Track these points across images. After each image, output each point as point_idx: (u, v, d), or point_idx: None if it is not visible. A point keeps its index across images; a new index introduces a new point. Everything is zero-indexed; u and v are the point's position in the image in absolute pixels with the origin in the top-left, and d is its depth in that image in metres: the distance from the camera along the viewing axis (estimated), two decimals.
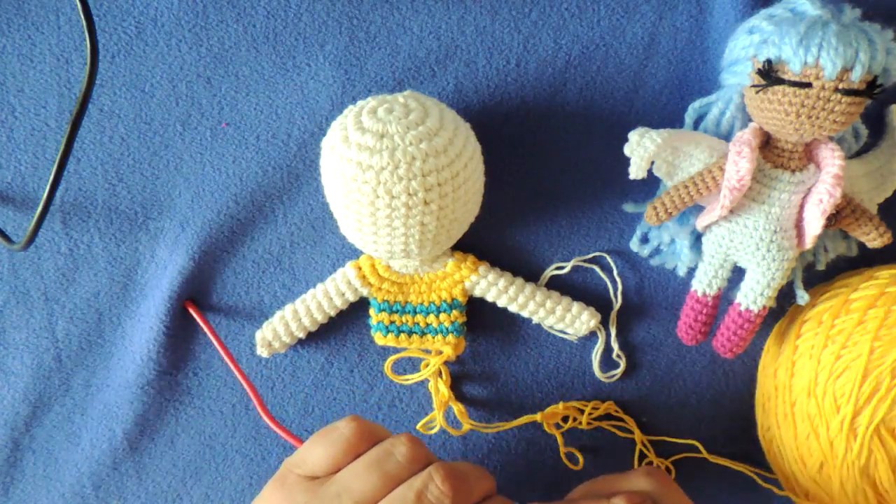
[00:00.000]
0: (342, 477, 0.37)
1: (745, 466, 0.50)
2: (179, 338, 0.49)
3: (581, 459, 0.50)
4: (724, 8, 0.44)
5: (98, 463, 0.50)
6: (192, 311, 0.48)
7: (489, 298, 0.47)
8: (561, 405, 0.49)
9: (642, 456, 0.50)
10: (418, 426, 0.49)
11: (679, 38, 0.46)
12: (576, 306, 0.48)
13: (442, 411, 0.48)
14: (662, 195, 0.43)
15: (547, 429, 0.50)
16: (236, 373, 0.47)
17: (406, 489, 0.36)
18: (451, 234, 0.43)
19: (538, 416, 0.49)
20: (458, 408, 0.48)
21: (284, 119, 0.47)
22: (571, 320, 0.48)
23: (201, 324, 0.48)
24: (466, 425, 0.49)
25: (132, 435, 0.50)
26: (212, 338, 0.48)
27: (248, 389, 0.47)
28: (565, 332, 0.49)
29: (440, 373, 0.49)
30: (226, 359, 0.47)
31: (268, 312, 0.48)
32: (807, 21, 0.38)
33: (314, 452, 0.39)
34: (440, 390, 0.48)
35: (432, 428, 0.49)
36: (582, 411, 0.49)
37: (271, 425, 0.45)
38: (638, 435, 0.50)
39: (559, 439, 0.50)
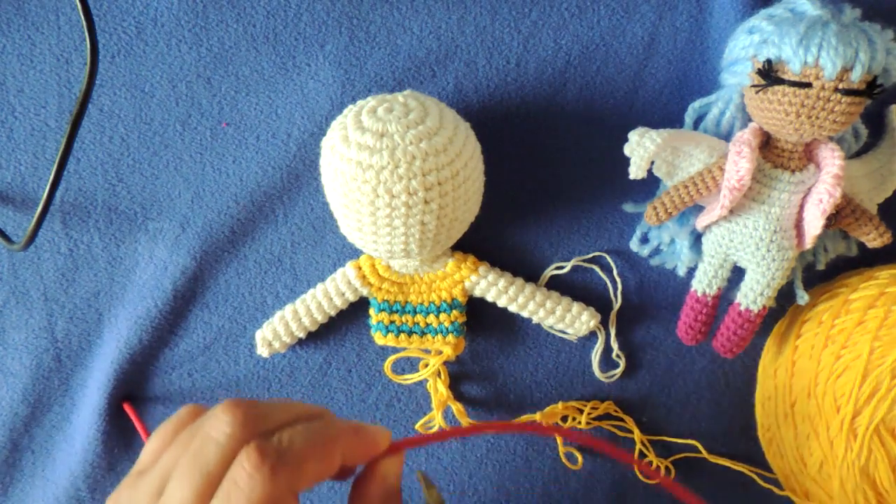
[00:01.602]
0: (159, 463, 0.31)
1: (745, 466, 0.50)
2: (179, 337, 0.49)
3: (580, 459, 0.50)
4: (724, 8, 0.44)
5: (93, 465, 0.50)
6: (127, 410, 0.49)
7: (489, 298, 0.47)
8: (560, 405, 0.49)
9: (642, 455, 0.50)
10: (417, 426, 0.49)
11: (679, 38, 0.46)
12: (576, 306, 0.48)
13: (441, 411, 0.48)
14: (662, 195, 0.43)
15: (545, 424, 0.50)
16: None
17: (222, 487, 0.30)
18: (451, 233, 0.43)
19: (537, 416, 0.49)
20: (456, 407, 0.48)
21: (284, 119, 0.47)
22: (571, 320, 0.48)
23: (136, 424, 0.48)
24: (465, 424, 0.49)
25: (128, 436, 0.50)
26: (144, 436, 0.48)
27: None
28: (565, 332, 0.49)
29: (439, 373, 0.49)
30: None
31: (270, 312, 0.48)
32: (807, 21, 0.38)
33: (146, 447, 0.34)
34: (439, 390, 0.48)
35: (431, 427, 0.49)
36: (581, 411, 0.49)
37: None
38: (637, 434, 0.50)
39: (558, 439, 0.50)
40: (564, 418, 0.50)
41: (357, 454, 0.32)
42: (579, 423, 0.49)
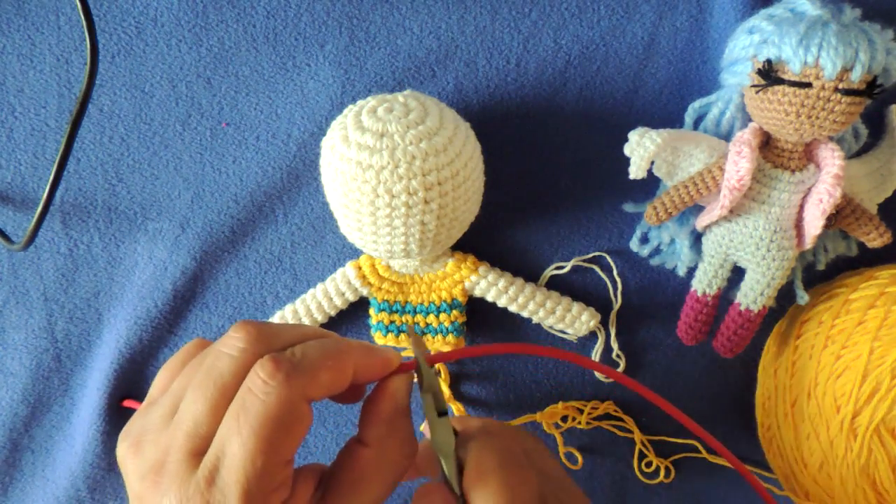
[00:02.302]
0: (170, 390, 0.32)
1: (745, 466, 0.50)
2: (179, 337, 0.49)
3: (580, 459, 0.50)
4: (724, 8, 0.44)
5: (92, 465, 0.50)
6: (131, 406, 0.49)
7: (489, 298, 0.47)
8: (560, 405, 0.49)
9: (642, 456, 0.50)
10: (422, 428, 0.49)
11: (679, 38, 0.46)
12: (576, 306, 0.48)
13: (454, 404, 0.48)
14: (662, 195, 0.43)
15: (546, 428, 0.50)
16: None
17: (237, 397, 0.30)
18: (451, 233, 0.43)
19: (537, 416, 0.49)
20: (456, 407, 0.48)
21: (284, 119, 0.47)
22: (571, 320, 0.48)
23: None
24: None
25: None
26: None
27: None
28: (565, 333, 0.49)
29: (439, 372, 0.49)
30: None
31: (270, 313, 0.48)
32: (807, 21, 0.38)
33: (154, 382, 0.34)
34: (443, 390, 0.48)
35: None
36: (581, 411, 0.49)
37: None
38: (637, 434, 0.50)
39: (558, 439, 0.50)
40: (564, 418, 0.50)
41: (368, 371, 0.32)
42: (579, 422, 0.49)
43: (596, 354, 0.49)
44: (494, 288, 0.47)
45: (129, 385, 0.50)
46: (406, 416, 0.33)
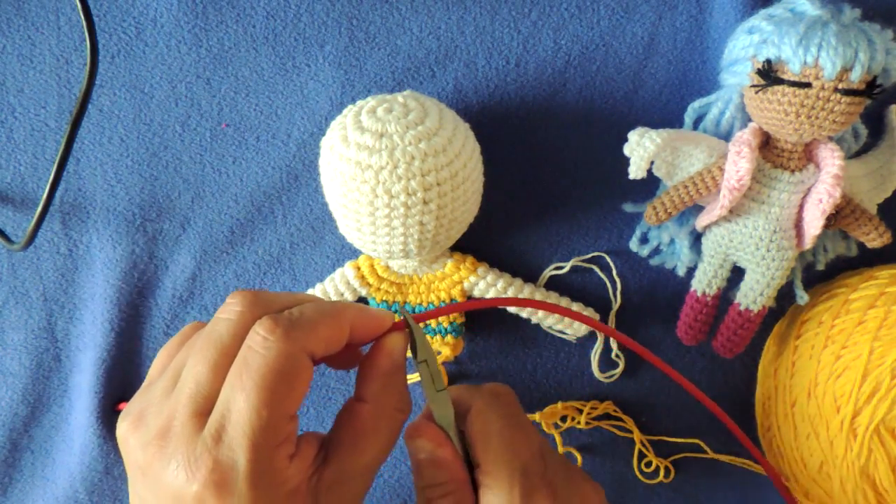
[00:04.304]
0: (170, 366, 0.32)
1: (745, 461, 0.50)
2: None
3: (580, 459, 0.50)
4: (724, 8, 0.44)
5: (89, 468, 0.50)
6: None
7: (488, 298, 0.47)
8: (560, 405, 0.49)
9: (641, 456, 0.50)
10: None
11: (679, 38, 0.46)
12: (575, 307, 0.48)
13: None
14: (662, 195, 0.43)
15: (545, 428, 0.50)
16: None
17: (239, 355, 0.30)
18: (450, 233, 0.43)
19: (537, 416, 0.49)
20: None
21: (284, 119, 0.47)
22: (570, 321, 0.48)
23: None
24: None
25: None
26: None
27: None
28: (564, 333, 0.49)
29: (440, 351, 0.48)
30: None
31: None
32: (806, 21, 0.38)
33: (152, 364, 0.35)
34: None
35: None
36: (580, 411, 0.49)
37: None
38: (637, 434, 0.50)
39: (557, 439, 0.50)
40: (564, 418, 0.50)
41: (364, 329, 0.33)
42: (578, 422, 0.49)
43: (595, 354, 0.49)
44: (493, 289, 0.47)
45: (126, 387, 0.50)
46: (402, 373, 0.34)
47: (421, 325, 0.47)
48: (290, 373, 0.30)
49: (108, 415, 0.49)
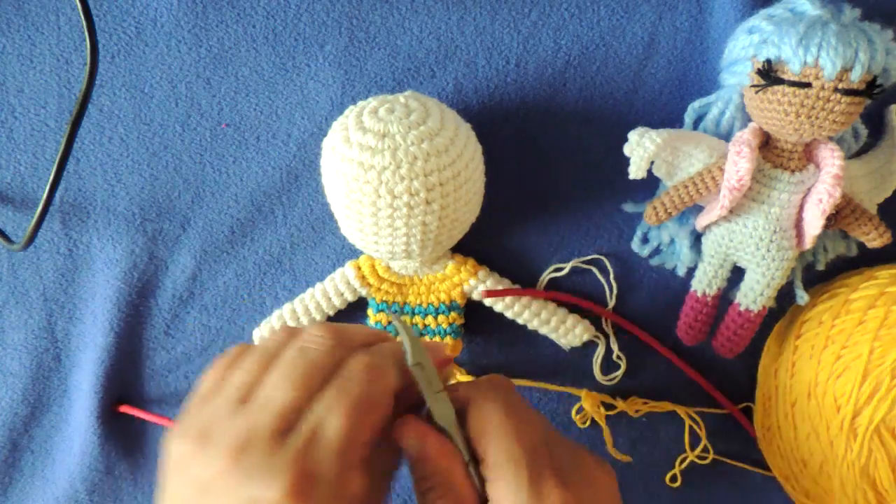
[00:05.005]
0: (234, 380, 0.33)
1: (745, 465, 0.50)
2: (177, 339, 0.49)
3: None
4: (724, 8, 0.44)
5: (90, 468, 0.50)
6: (127, 412, 0.49)
7: (486, 303, 0.47)
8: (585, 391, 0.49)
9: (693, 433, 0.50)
10: None
11: (679, 38, 0.46)
12: (570, 319, 0.48)
13: None
14: (662, 195, 0.43)
15: (589, 408, 0.49)
16: None
17: (332, 382, 0.32)
18: (452, 234, 0.43)
19: (583, 393, 0.49)
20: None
21: (284, 119, 0.47)
22: (565, 332, 0.48)
23: (143, 416, 0.49)
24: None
25: (126, 439, 0.50)
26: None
27: None
28: (558, 342, 0.49)
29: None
30: None
31: (269, 313, 0.48)
32: (806, 21, 0.38)
33: (204, 379, 0.34)
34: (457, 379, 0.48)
35: None
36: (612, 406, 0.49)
37: None
38: (682, 410, 0.50)
39: (605, 429, 0.49)
40: (609, 406, 0.50)
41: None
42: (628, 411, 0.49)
43: (597, 359, 0.49)
44: None
45: (126, 386, 0.50)
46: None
47: (420, 325, 0.47)
48: (379, 405, 0.32)
49: (108, 415, 0.49)
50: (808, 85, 0.38)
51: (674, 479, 0.51)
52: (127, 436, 0.50)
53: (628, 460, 0.50)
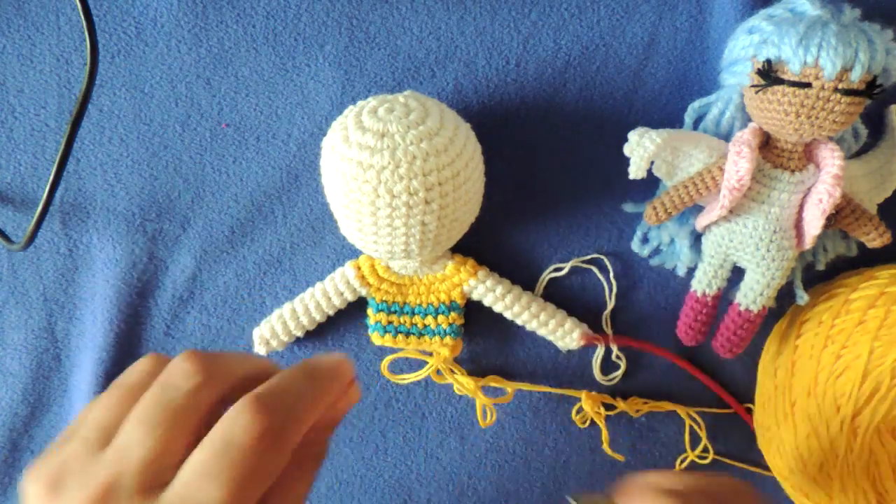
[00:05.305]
0: (83, 415, 0.29)
1: (745, 465, 0.50)
2: (177, 340, 0.49)
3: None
4: (724, 8, 0.44)
5: None
6: None
7: (486, 303, 0.47)
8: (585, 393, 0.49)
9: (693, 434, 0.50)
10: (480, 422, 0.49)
11: (679, 38, 0.46)
12: (569, 322, 0.48)
13: (479, 394, 0.48)
14: (662, 195, 0.43)
15: (589, 409, 0.49)
16: None
17: (209, 440, 0.27)
18: (451, 233, 0.43)
19: (583, 394, 0.49)
20: (492, 379, 0.48)
21: (284, 119, 0.47)
22: (562, 335, 0.48)
23: None
24: (510, 389, 0.48)
25: None
26: None
27: None
28: (556, 343, 0.49)
29: (452, 371, 0.48)
30: None
31: (268, 313, 0.48)
32: (806, 21, 0.38)
33: (81, 415, 0.30)
34: (462, 383, 0.48)
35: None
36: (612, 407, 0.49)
37: None
38: (683, 410, 0.50)
39: (604, 432, 0.49)
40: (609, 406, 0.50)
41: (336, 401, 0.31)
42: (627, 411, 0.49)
43: (596, 359, 0.49)
44: (492, 294, 0.47)
45: None
46: None
47: (420, 325, 0.47)
48: (272, 477, 0.27)
49: None
50: (808, 85, 0.38)
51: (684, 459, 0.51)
52: None
53: (621, 459, 0.50)
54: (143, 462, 0.26)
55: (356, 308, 0.48)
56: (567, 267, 0.48)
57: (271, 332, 0.48)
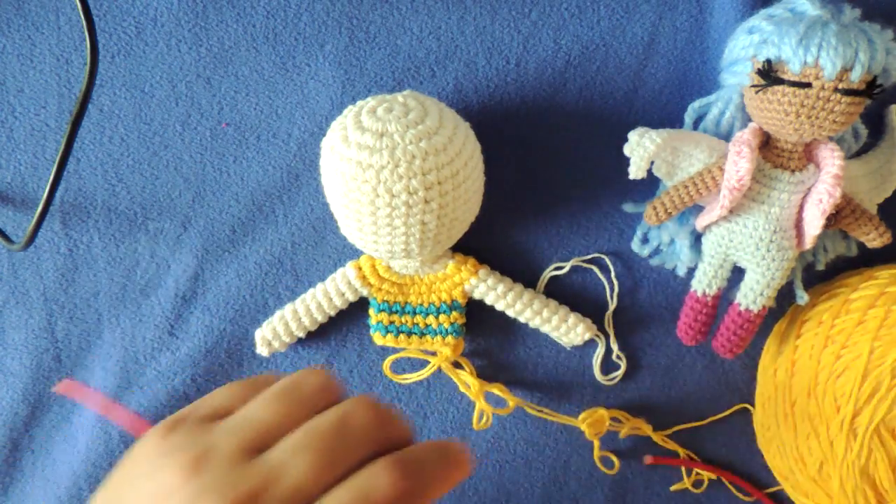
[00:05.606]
0: (244, 409, 0.30)
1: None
2: (181, 340, 0.49)
3: (617, 463, 0.50)
4: (724, 8, 0.44)
5: (94, 465, 0.50)
6: (68, 390, 0.47)
7: (487, 302, 0.47)
8: (603, 411, 0.49)
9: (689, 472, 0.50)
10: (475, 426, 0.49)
11: (679, 38, 0.46)
12: (572, 317, 0.48)
13: (481, 398, 0.48)
14: (662, 195, 0.43)
15: (588, 436, 0.49)
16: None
17: (324, 416, 0.29)
18: (451, 233, 0.43)
19: (580, 421, 0.49)
20: (497, 387, 0.48)
21: (284, 119, 0.47)
22: (566, 331, 0.48)
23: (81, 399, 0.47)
24: (512, 403, 0.48)
25: (128, 438, 0.50)
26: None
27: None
28: (560, 340, 0.49)
29: (462, 365, 0.48)
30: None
31: (271, 313, 0.48)
32: (806, 21, 0.38)
33: (217, 393, 0.32)
34: (468, 382, 0.48)
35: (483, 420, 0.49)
36: (619, 420, 0.49)
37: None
38: (682, 452, 0.50)
39: (596, 443, 0.50)
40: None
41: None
42: (619, 432, 0.50)
43: (597, 359, 0.49)
44: (493, 292, 0.47)
45: (131, 385, 0.50)
46: None
47: (423, 324, 0.47)
48: (356, 455, 0.28)
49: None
50: (808, 85, 0.38)
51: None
52: (131, 434, 0.50)
53: (612, 473, 0.50)
54: (295, 490, 0.27)
55: (358, 308, 0.48)
56: (568, 266, 0.48)
57: (273, 333, 0.48)
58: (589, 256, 0.48)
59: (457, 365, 0.49)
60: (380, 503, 0.27)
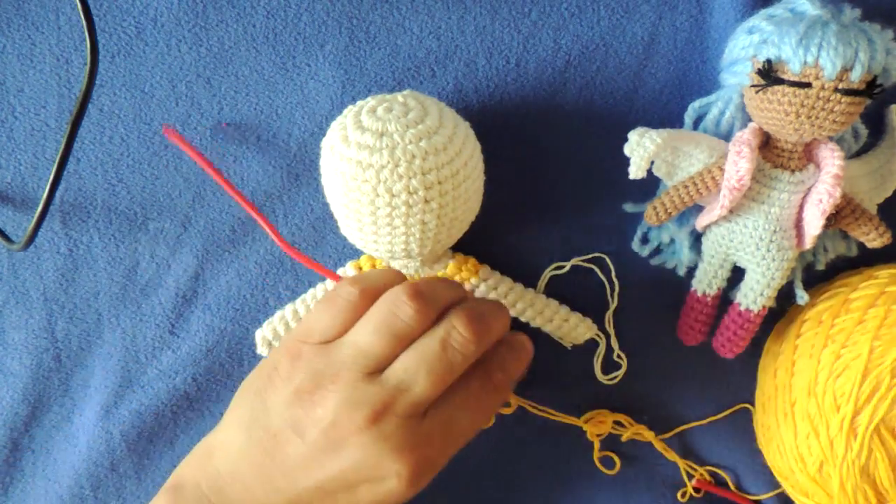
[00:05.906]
0: (352, 339, 0.37)
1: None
2: (182, 339, 0.49)
3: (618, 463, 0.50)
4: (724, 8, 0.44)
5: (96, 464, 0.50)
6: (173, 137, 0.45)
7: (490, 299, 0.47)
8: (607, 414, 0.49)
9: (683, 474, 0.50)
10: None
11: (679, 38, 0.46)
12: (573, 317, 0.48)
13: None
14: (662, 195, 0.43)
15: (590, 436, 0.50)
16: (240, 201, 0.44)
17: (430, 340, 0.36)
18: (451, 232, 0.43)
19: (582, 422, 0.49)
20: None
21: (284, 119, 0.47)
22: (568, 330, 0.48)
23: (188, 149, 0.45)
24: (514, 402, 0.49)
25: (130, 437, 0.50)
26: (201, 163, 0.45)
27: (257, 218, 0.44)
28: (561, 339, 0.49)
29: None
30: (224, 186, 0.44)
31: (272, 313, 0.48)
32: (806, 21, 0.38)
33: (321, 320, 0.38)
34: None
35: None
36: (621, 424, 0.50)
37: (290, 253, 0.43)
38: (681, 463, 0.50)
39: (596, 444, 0.50)
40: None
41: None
42: (621, 435, 0.50)
43: (598, 358, 0.49)
44: (494, 292, 0.47)
45: (132, 384, 0.50)
46: None
47: None
48: (462, 369, 0.37)
49: (113, 413, 0.49)
50: (808, 85, 0.38)
51: (684, 493, 0.51)
52: (132, 433, 0.50)
53: (612, 473, 0.50)
54: (419, 404, 0.36)
55: None
56: (568, 266, 0.48)
57: (273, 332, 0.48)
58: (589, 256, 0.48)
59: None
60: (461, 350, 0.37)
